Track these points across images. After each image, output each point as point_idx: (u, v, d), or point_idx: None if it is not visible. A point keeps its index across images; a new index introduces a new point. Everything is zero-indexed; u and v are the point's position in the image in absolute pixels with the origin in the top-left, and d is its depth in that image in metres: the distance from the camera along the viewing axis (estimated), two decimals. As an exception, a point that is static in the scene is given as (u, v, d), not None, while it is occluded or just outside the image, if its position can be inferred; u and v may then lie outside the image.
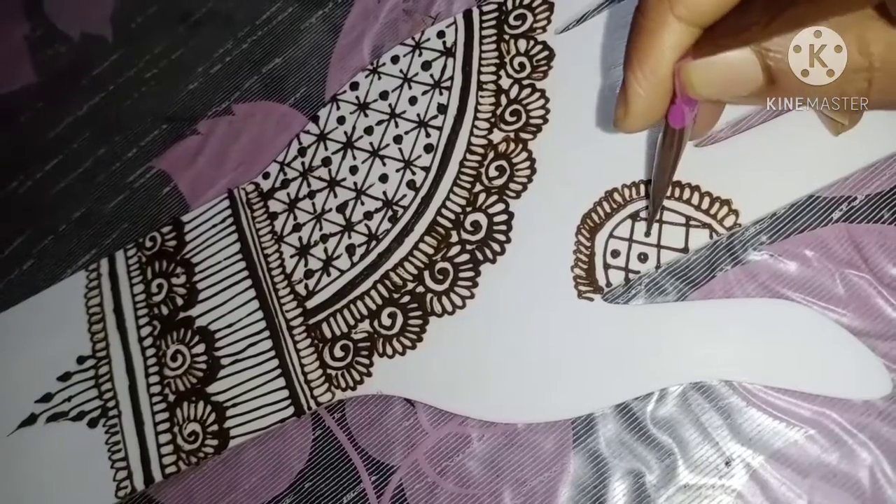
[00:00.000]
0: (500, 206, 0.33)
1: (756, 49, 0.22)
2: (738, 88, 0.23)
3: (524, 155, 0.34)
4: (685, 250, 0.31)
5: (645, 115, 0.25)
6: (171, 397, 0.36)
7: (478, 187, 0.34)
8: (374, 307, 0.34)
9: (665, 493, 0.30)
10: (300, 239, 0.36)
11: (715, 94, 0.24)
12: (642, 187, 0.31)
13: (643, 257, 0.31)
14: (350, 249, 0.35)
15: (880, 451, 0.28)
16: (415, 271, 0.34)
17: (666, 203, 0.31)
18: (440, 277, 0.33)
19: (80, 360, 0.38)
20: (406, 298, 0.34)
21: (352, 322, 0.34)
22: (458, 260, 0.33)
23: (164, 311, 0.37)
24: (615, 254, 0.31)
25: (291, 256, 0.36)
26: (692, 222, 0.31)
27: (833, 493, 0.28)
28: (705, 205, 0.30)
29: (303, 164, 0.37)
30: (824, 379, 0.28)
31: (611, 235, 0.32)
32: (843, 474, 0.28)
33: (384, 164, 0.36)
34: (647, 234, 0.31)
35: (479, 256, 0.33)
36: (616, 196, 0.32)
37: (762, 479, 0.29)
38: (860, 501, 0.28)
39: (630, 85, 0.24)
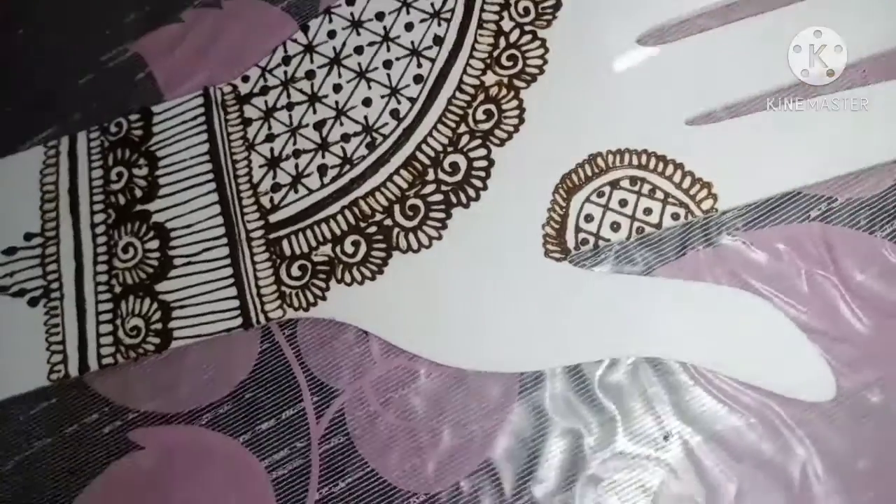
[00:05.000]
0: (482, 152, 0.33)
1: None
2: None
3: (514, 103, 0.33)
4: (658, 226, 0.31)
5: None
6: (118, 289, 0.35)
7: (462, 128, 0.33)
8: (338, 232, 0.34)
9: (601, 457, 0.30)
10: (272, 150, 0.35)
11: None
12: (626, 156, 0.31)
13: (616, 226, 0.31)
14: (322, 170, 0.34)
15: (815, 449, 0.29)
16: (385, 203, 0.33)
17: (647, 176, 0.31)
18: (410, 214, 0.33)
19: (28, 236, 0.37)
20: (372, 229, 0.33)
21: (313, 243, 0.34)
22: (431, 199, 0.33)
23: (122, 200, 0.36)
24: (588, 218, 0.31)
25: (260, 166, 0.35)
26: (670, 199, 0.31)
27: (763, 482, 0.29)
28: (686, 184, 0.30)
29: (285, 73, 0.36)
30: (772, 375, 0.29)
31: (587, 199, 0.31)
32: (775, 466, 0.29)
33: (369, 88, 0.35)
34: None
35: (453, 199, 0.33)
36: (599, 161, 0.32)
37: (697, 458, 0.30)
38: (788, 494, 0.29)
39: None
